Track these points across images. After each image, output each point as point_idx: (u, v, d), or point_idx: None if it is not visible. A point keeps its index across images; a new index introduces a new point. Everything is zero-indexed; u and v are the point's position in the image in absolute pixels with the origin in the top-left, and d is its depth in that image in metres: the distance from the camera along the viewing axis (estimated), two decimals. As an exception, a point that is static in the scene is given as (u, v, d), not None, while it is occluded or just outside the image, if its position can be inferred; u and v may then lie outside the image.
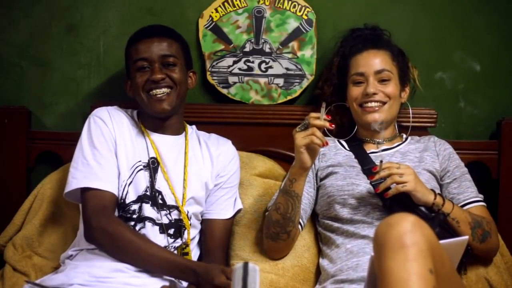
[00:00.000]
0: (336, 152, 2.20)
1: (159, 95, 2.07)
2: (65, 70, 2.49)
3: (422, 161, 2.14)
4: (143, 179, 2.06)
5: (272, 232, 2.06)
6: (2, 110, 2.43)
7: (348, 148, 2.21)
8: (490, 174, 2.40)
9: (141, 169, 2.07)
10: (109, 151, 2.04)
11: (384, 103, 2.14)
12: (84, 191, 2.01)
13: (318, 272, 2.15)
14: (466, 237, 1.79)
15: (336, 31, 2.44)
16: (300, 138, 1.92)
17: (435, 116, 2.37)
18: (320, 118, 1.90)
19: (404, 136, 2.25)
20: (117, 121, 2.11)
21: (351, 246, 2.03)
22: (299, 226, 2.12)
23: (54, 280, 1.95)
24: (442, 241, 1.62)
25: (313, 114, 1.92)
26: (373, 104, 2.14)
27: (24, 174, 2.42)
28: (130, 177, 2.05)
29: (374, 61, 2.15)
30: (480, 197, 2.11)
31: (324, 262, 2.10)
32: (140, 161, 2.07)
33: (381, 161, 1.97)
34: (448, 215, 1.96)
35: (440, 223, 1.94)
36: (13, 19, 2.47)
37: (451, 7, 2.47)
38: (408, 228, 1.51)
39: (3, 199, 2.39)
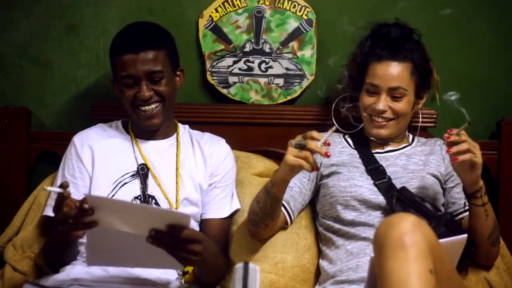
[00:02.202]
0: (341, 150, 2.19)
1: (148, 112, 2.07)
2: (65, 70, 2.49)
3: (427, 165, 2.13)
4: (130, 191, 2.07)
5: (252, 219, 2.06)
6: (2, 110, 2.43)
7: (353, 146, 2.20)
8: (490, 174, 2.40)
9: (126, 183, 2.08)
10: (73, 178, 2.09)
11: (391, 119, 2.12)
12: (47, 218, 2.09)
13: (318, 273, 2.15)
14: (465, 235, 1.79)
15: (336, 31, 2.45)
16: (291, 156, 1.82)
17: (435, 116, 2.37)
18: (320, 141, 1.80)
19: (411, 137, 2.24)
20: (94, 140, 2.13)
21: (351, 248, 2.03)
22: (288, 218, 2.12)
23: (54, 280, 1.95)
24: (441, 240, 1.62)
25: (314, 135, 1.80)
26: (379, 119, 2.12)
27: (24, 174, 2.42)
28: (112, 191, 2.07)
29: (391, 76, 2.08)
30: None
31: (324, 263, 2.10)
32: (126, 174, 2.08)
33: (469, 123, 1.89)
34: (484, 204, 1.94)
35: (446, 223, 1.95)
36: (13, 19, 2.47)
37: (451, 7, 2.47)
38: (409, 228, 1.51)
39: (3, 199, 2.39)
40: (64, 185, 1.72)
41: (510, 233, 2.28)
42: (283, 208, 2.11)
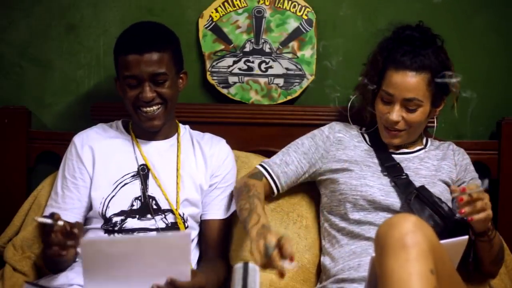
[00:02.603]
0: (356, 144, 2.17)
1: (149, 113, 2.06)
2: (65, 70, 2.49)
3: (439, 171, 2.12)
4: (130, 192, 2.07)
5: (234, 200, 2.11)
6: (2, 110, 2.42)
7: (369, 142, 2.19)
8: (490, 174, 2.40)
9: (126, 183, 2.08)
10: (73, 179, 2.09)
11: (402, 130, 2.09)
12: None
13: (318, 273, 2.15)
14: (466, 237, 1.79)
15: (336, 31, 2.45)
16: (256, 251, 1.74)
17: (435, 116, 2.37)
18: (285, 258, 1.69)
19: (425, 140, 2.23)
20: (94, 140, 2.13)
21: (354, 247, 2.03)
22: (276, 191, 2.16)
23: (54, 281, 1.95)
24: (442, 241, 1.62)
25: (285, 250, 1.69)
26: (392, 129, 2.09)
27: (24, 174, 2.42)
28: (112, 192, 2.07)
29: (407, 86, 2.03)
30: None
31: (326, 261, 2.10)
32: (126, 174, 2.08)
33: (486, 189, 1.87)
34: (491, 241, 1.95)
35: (461, 228, 1.94)
36: (13, 19, 2.47)
37: (451, 7, 2.47)
38: (410, 229, 1.51)
39: (3, 199, 2.39)
40: (55, 218, 1.74)
41: (510, 233, 2.28)
42: (271, 182, 2.13)
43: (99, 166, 2.09)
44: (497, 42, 2.48)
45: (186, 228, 2.08)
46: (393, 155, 2.14)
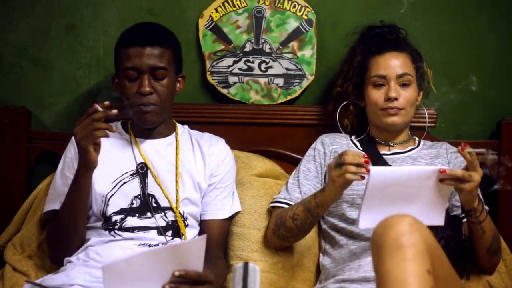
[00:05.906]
0: (347, 150, 2.18)
1: (146, 108, 2.06)
2: (65, 70, 2.49)
3: None
4: (130, 190, 2.07)
5: (281, 233, 2.07)
6: (2, 110, 2.43)
7: (360, 147, 2.20)
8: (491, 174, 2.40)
9: (126, 182, 2.08)
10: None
11: (402, 109, 2.12)
12: (50, 213, 2.10)
13: (318, 272, 2.15)
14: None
15: (336, 31, 2.45)
16: (336, 176, 1.87)
17: (435, 116, 2.37)
18: (358, 156, 1.84)
19: (417, 140, 2.24)
20: None
21: (354, 248, 2.04)
22: None
23: (55, 280, 1.95)
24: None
25: (350, 152, 1.86)
26: (393, 107, 2.12)
27: (24, 174, 2.42)
28: (111, 191, 2.07)
29: (396, 64, 2.13)
30: (486, 208, 2.10)
31: (325, 261, 2.10)
32: (125, 173, 2.08)
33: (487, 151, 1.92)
34: (480, 223, 1.95)
35: (454, 226, 1.94)
36: (13, 19, 2.47)
37: (451, 7, 2.47)
38: (406, 229, 1.51)
39: (3, 199, 2.39)
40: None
41: (510, 233, 2.28)
42: None
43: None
44: (498, 42, 2.48)
45: (186, 226, 2.08)
46: (385, 156, 2.15)
